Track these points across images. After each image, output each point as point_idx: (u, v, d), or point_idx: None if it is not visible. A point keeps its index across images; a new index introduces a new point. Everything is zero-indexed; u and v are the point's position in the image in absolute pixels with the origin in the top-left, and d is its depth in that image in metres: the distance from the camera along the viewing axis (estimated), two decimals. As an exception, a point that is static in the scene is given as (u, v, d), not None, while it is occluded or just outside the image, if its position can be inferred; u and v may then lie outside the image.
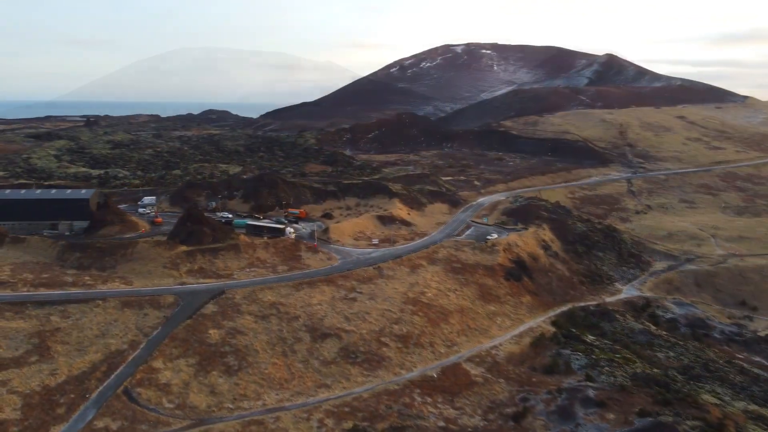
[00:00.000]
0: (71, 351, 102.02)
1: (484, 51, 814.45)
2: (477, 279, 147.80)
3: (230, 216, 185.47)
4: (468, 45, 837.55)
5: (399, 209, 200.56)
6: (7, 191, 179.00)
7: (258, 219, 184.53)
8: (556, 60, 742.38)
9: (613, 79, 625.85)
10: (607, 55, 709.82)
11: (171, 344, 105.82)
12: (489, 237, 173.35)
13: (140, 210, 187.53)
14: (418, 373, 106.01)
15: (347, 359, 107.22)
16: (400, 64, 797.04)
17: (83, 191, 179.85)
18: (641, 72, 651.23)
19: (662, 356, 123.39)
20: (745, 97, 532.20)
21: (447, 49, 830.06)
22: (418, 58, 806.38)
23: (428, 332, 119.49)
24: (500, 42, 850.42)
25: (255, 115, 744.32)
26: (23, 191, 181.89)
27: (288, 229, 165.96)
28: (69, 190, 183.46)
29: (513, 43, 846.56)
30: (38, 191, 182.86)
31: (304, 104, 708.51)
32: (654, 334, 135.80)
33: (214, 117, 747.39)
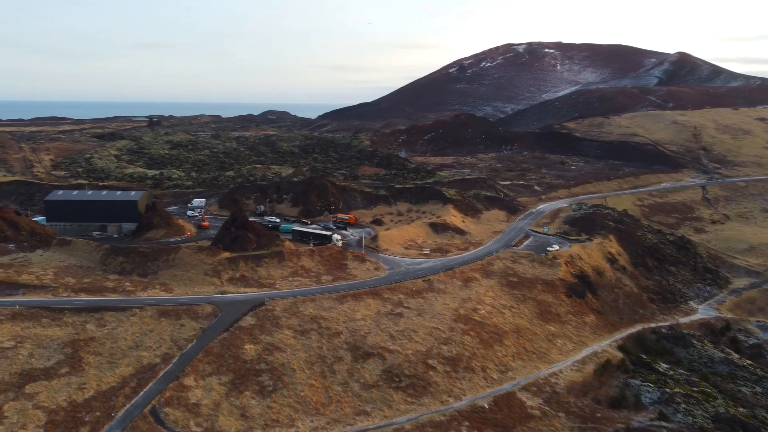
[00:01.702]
0: (102, 363, 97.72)
1: (547, 50, 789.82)
2: (535, 295, 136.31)
3: (277, 221, 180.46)
4: (530, 44, 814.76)
5: (453, 216, 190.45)
6: (60, 192, 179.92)
7: (305, 224, 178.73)
8: (623, 59, 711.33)
9: (686, 79, 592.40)
10: (679, 53, 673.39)
11: (205, 359, 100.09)
12: (549, 248, 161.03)
13: (189, 212, 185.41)
14: (468, 402, 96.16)
15: (390, 383, 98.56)
16: (459, 64, 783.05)
17: (132, 193, 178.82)
18: (716, 71, 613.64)
19: (747, 392, 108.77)
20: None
21: (508, 48, 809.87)
22: (478, 57, 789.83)
23: (480, 355, 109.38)
24: (564, 41, 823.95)
25: (314, 116, 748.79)
26: (75, 192, 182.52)
27: (335, 236, 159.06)
28: (119, 192, 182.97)
29: (578, 42, 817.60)
30: (89, 192, 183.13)
31: (361, 105, 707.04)
32: (737, 364, 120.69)
33: (273, 117, 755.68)
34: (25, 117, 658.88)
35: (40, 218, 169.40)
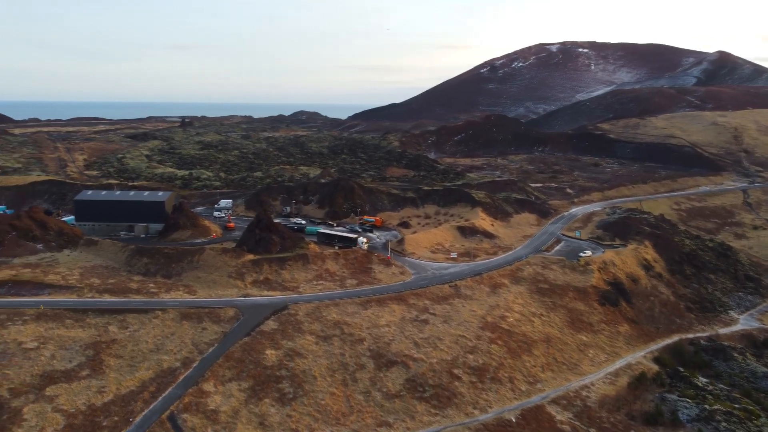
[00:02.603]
0: (123, 366, 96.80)
1: (581, 50, 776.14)
2: (566, 303, 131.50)
3: (303, 222, 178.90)
4: (563, 44, 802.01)
5: (482, 219, 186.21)
6: (89, 192, 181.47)
7: (331, 226, 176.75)
8: (660, 58, 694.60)
9: (725, 79, 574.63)
10: (718, 52, 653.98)
11: (225, 364, 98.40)
12: (582, 254, 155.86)
13: (215, 213, 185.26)
14: (494, 414, 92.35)
15: (413, 393, 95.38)
16: (490, 64, 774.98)
17: (160, 194, 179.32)
18: (758, 70, 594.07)
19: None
20: None
21: (541, 48, 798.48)
22: (510, 57, 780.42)
23: (508, 365, 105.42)
24: (599, 40, 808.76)
25: (344, 116, 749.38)
26: (104, 192, 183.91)
27: (360, 239, 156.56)
28: (146, 192, 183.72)
29: (613, 41, 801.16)
30: (118, 192, 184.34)
31: (392, 105, 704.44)
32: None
33: (304, 118, 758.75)
34: (63, 117, 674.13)
35: (69, 218, 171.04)
